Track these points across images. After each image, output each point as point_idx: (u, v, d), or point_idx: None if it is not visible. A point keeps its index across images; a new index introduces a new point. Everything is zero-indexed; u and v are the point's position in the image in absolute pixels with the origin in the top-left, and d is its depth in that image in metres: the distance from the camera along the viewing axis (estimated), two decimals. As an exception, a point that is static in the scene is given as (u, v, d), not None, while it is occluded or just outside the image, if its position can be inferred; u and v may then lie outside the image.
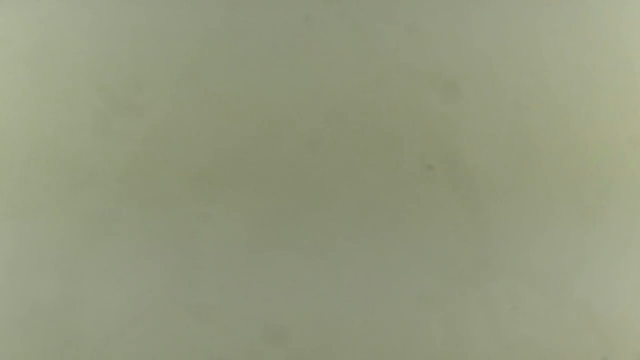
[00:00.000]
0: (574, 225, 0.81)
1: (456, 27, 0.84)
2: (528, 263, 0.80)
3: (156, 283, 0.80)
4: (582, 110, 0.82)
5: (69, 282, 0.80)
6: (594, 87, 0.83)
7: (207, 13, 0.84)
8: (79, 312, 0.79)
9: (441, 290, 0.79)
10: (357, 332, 0.79)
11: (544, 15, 0.84)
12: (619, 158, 0.82)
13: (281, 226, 0.80)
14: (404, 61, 0.83)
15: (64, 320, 0.79)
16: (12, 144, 0.82)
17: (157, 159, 0.81)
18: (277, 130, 0.82)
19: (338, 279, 0.80)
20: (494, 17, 0.84)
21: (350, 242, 0.80)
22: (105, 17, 0.84)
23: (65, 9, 0.85)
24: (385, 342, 0.79)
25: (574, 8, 0.84)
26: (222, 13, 0.84)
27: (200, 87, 0.83)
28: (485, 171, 0.81)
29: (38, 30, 0.84)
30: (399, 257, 0.80)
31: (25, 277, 0.80)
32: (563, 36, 0.84)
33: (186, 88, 0.83)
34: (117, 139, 0.81)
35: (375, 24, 0.84)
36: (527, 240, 0.80)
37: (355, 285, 0.80)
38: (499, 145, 0.82)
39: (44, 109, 0.82)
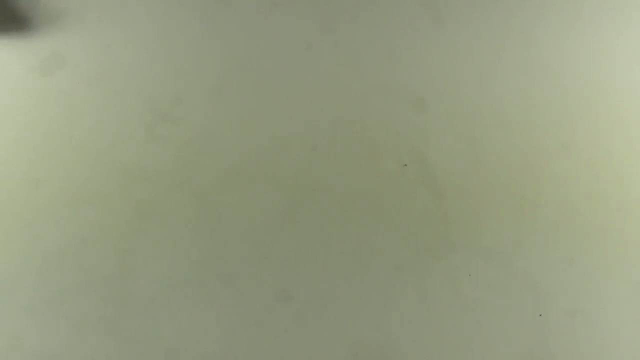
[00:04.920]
0: (512, 214, 0.85)
1: (426, 55, 0.89)
2: (480, 240, 0.84)
3: (192, 256, 0.83)
4: (523, 121, 0.87)
5: (124, 256, 0.84)
6: (533, 102, 0.87)
7: (231, 44, 0.89)
8: (132, 279, 0.83)
9: (413, 261, 0.82)
10: (349, 292, 0.83)
11: (493, 48, 0.90)
12: (552, 161, 0.86)
13: (289, 212, 0.85)
14: (385, 82, 0.88)
15: (120, 285, 0.83)
16: (80, 148, 0.86)
17: (193, 159, 0.86)
18: (286, 137, 0.87)
19: (333, 252, 0.83)
20: (455, 49, 0.89)
21: (342, 224, 0.84)
22: (153, 46, 0.89)
23: (120, 40, 0.89)
24: (368, 303, 0.83)
25: (515, 41, 0.89)
26: (243, 43, 0.89)
27: (226, 102, 0.88)
28: (447, 168, 0.86)
29: (100, 56, 0.88)
30: (380, 235, 0.84)
31: (90, 251, 0.84)
32: (506, 66, 0.89)
33: (215, 103, 0.87)
34: (162, 143, 0.86)
35: (362, 51, 0.89)
36: (479, 221, 0.85)
37: (346, 256, 0.84)
38: (458, 149, 0.86)
39: (105, 120, 0.87)
